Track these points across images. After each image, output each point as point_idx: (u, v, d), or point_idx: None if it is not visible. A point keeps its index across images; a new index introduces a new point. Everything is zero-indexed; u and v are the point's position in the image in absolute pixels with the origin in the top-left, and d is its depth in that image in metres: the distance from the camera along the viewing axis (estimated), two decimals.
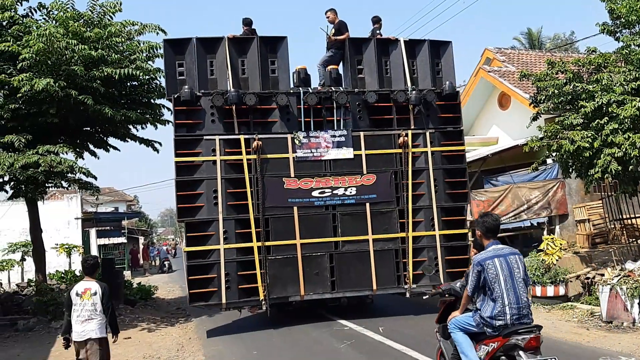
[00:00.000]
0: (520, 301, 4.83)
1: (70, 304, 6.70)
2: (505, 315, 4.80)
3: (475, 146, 19.97)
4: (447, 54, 12.33)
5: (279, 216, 11.17)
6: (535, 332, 4.79)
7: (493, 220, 5.17)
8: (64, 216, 29.25)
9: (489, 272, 4.88)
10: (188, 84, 11.10)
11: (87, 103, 11.88)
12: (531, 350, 4.70)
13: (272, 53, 11.62)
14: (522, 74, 13.68)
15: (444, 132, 11.98)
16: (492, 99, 20.48)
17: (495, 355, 4.88)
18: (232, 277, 10.84)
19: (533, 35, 39.30)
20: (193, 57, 11.24)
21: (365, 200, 11.39)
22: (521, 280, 4.90)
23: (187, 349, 9.91)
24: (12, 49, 11.68)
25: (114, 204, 53.23)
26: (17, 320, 12.68)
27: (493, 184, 17.76)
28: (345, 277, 11.17)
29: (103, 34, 12.42)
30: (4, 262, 25.06)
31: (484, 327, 4.94)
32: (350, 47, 11.91)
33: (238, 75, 11.43)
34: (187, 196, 10.98)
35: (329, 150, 11.45)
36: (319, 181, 11.31)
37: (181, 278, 26.24)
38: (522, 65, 20.08)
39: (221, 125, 11.20)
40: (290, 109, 11.43)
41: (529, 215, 16.31)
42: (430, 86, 11.87)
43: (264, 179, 11.12)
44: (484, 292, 4.97)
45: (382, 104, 11.68)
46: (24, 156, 11.40)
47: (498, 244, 5.06)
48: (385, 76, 12.03)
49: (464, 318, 5.22)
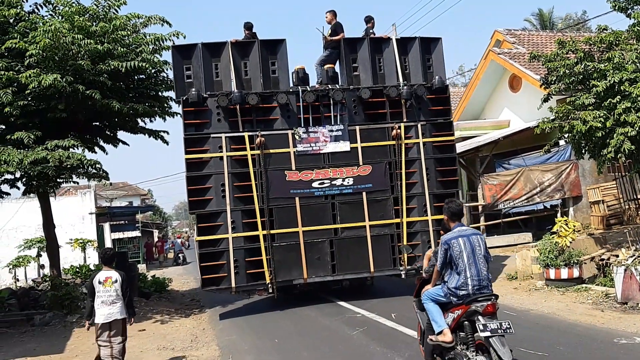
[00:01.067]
0: (480, 274, 5.53)
1: (94, 291, 7.50)
2: (468, 286, 5.50)
3: (486, 130, 19.82)
4: (437, 50, 13.03)
5: (282, 206, 11.99)
6: (492, 300, 5.46)
7: (456, 206, 5.96)
8: (78, 211, 29.48)
9: (454, 250, 5.59)
10: (195, 86, 11.95)
11: (94, 97, 11.90)
12: (488, 315, 5.39)
13: (272, 55, 12.45)
14: (532, 55, 13.47)
15: (435, 124, 12.71)
16: (502, 82, 20.28)
17: (459, 321, 5.59)
18: (241, 263, 11.73)
19: (544, 16, 38.77)
20: (199, 61, 12.08)
21: (361, 190, 12.19)
22: (482, 257, 5.60)
23: (200, 339, 9.96)
24: (19, 45, 11.69)
25: (128, 198, 53.61)
26: (33, 315, 12.80)
27: (505, 167, 17.61)
28: (344, 261, 12.02)
29: (109, 28, 12.40)
30: (20, 258, 25.37)
31: (451, 296, 5.65)
32: (345, 46, 12.68)
33: (241, 77, 12.26)
34: (197, 190, 11.85)
35: (327, 144, 12.25)
36: (318, 173, 12.12)
37: (195, 270, 26.38)
38: (532, 47, 19.83)
39: (227, 124, 12.01)
40: (290, 106, 12.21)
41: (542, 198, 16.18)
42: (422, 81, 12.59)
43: (268, 172, 11.97)
44: (450, 267, 5.67)
45: (375, 99, 12.42)
46: (33, 152, 11.45)
47: (462, 226, 5.80)
48: (379, 73, 12.76)
49: (434, 290, 5.94)
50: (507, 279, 12.80)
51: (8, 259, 26.18)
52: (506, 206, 16.59)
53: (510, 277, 12.74)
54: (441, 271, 5.81)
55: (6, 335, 11.77)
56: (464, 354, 5.52)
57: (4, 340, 11.30)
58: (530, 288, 11.59)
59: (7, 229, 27.74)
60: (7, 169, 11.41)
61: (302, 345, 8.76)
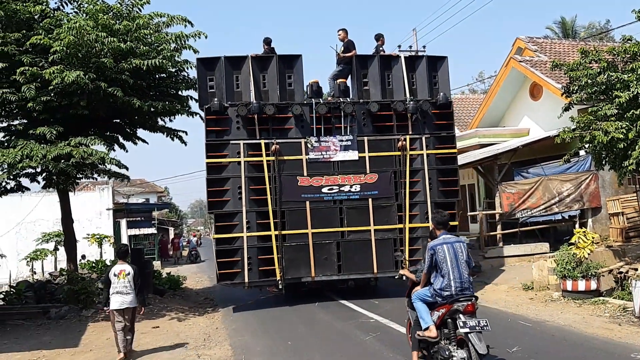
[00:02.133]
0: (462, 277, 6.20)
1: (109, 282, 8.70)
2: (451, 287, 6.18)
3: (505, 137, 19.67)
4: (443, 68, 13.89)
5: (294, 209, 12.92)
6: (472, 300, 6.13)
7: (442, 216, 6.73)
8: (95, 207, 29.77)
9: (439, 255, 6.29)
10: (217, 96, 12.93)
11: (116, 95, 12.01)
12: (468, 313, 6.05)
13: (289, 69, 13.39)
14: (554, 64, 13.37)
15: (438, 137, 13.54)
16: (523, 90, 20.10)
17: (444, 319, 6.26)
18: (254, 260, 12.65)
19: (567, 24, 38.38)
20: (221, 73, 13.04)
21: (368, 196, 13.07)
22: (464, 262, 6.26)
23: (213, 338, 9.99)
24: (44, 42, 11.83)
25: (145, 195, 53.96)
26: (49, 309, 12.93)
27: (523, 175, 17.45)
28: (350, 262, 12.89)
29: (132, 27, 12.52)
30: (38, 252, 25.67)
31: (436, 297, 6.34)
32: (357, 62, 13.58)
33: (259, 88, 13.20)
34: (216, 191, 12.84)
35: (337, 152, 13.18)
36: (328, 179, 13.04)
37: (209, 269, 26.54)
38: (554, 55, 19.63)
39: (245, 132, 12.99)
40: (304, 117, 13.14)
41: (560, 208, 16.00)
42: (428, 96, 13.45)
43: (281, 177, 12.90)
44: (436, 270, 6.36)
45: (383, 112, 13.31)
46: (56, 147, 11.57)
47: (447, 234, 6.47)
48: (387, 88, 13.63)
49: (422, 291, 6.64)
50: (523, 289, 12.67)
51: (26, 251, 26.53)
52: (524, 215, 16.43)
53: (527, 287, 12.62)
54: (428, 274, 6.51)
55: (22, 327, 11.91)
56: (447, 347, 6.17)
57: (20, 332, 11.45)
58: (547, 299, 11.47)
59: (26, 222, 28.11)
60: (29, 163, 11.52)
61: (315, 349, 8.75)
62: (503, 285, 13.44)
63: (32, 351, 9.56)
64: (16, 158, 11.37)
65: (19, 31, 12.26)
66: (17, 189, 14.22)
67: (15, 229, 28.18)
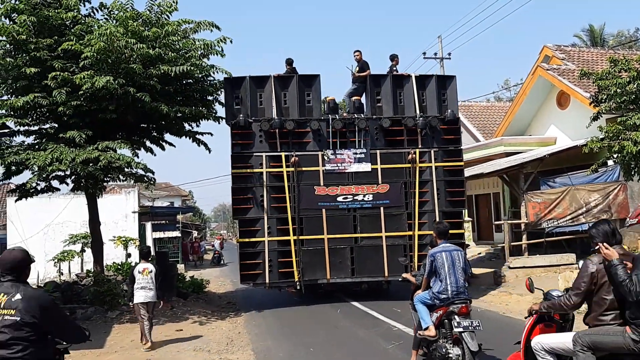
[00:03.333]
0: (458, 282, 6.77)
1: (134, 279, 9.94)
2: (448, 291, 6.74)
3: (531, 146, 19.48)
4: (451, 87, 14.71)
5: (311, 216, 13.91)
6: (466, 303, 6.72)
7: (443, 227, 7.39)
8: (121, 209, 30.18)
9: (438, 261, 6.85)
10: (242, 112, 14.00)
11: (144, 100, 12.20)
12: (462, 315, 6.64)
13: (308, 87, 14.39)
14: (583, 73, 13.23)
15: (446, 151, 14.39)
16: (550, 98, 19.91)
17: (441, 320, 6.81)
18: (274, 262, 13.62)
19: (595, 32, 37.84)
20: (247, 91, 14.10)
21: (380, 205, 14.00)
22: (460, 268, 6.85)
23: (236, 343, 10.05)
24: (75, 47, 12.08)
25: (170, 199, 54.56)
26: (75, 309, 13.11)
27: (550, 185, 17.23)
28: (362, 266, 13.83)
29: (160, 33, 12.71)
30: (65, 253, 26.10)
31: (435, 299, 6.89)
32: (371, 81, 14.58)
33: (281, 105, 14.20)
34: (240, 199, 14.01)
35: (351, 164, 14.12)
36: (343, 189, 14.01)
37: (232, 273, 26.68)
38: (582, 64, 19.40)
39: (267, 145, 14.03)
40: (321, 131, 14.14)
41: (587, 219, 15.72)
42: (437, 113, 14.29)
43: (300, 187, 13.91)
44: (435, 275, 6.90)
45: (395, 127, 14.24)
46: (84, 151, 11.79)
47: (446, 243, 7.04)
48: (399, 105, 14.51)
49: (423, 294, 7.17)
50: None
51: (53, 252, 27.00)
52: (550, 225, 16.21)
53: None
54: (428, 279, 7.05)
55: None
56: (444, 345, 6.74)
57: None
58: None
59: (54, 223, 28.63)
60: (59, 167, 11.74)
61: (337, 357, 8.74)
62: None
63: None
64: (46, 161, 11.62)
65: (51, 37, 12.52)
66: (47, 190, 14.51)
67: (43, 230, 28.73)
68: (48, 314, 3.95)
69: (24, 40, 12.18)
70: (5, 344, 3.74)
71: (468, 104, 28.44)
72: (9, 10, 12.45)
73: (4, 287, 3.94)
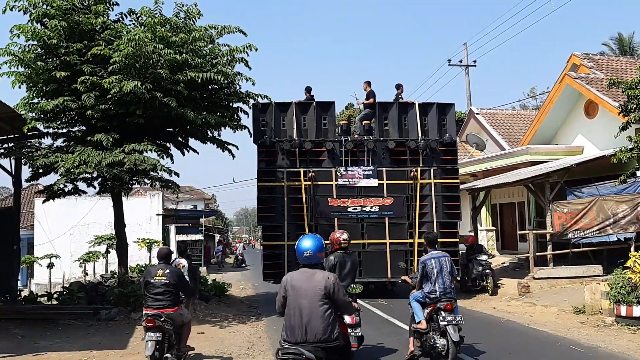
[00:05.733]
0: (445, 284, 8.06)
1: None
2: (436, 292, 8.06)
3: (558, 155, 19.20)
4: (450, 113, 16.81)
5: (325, 224, 15.68)
6: (451, 301, 7.95)
7: (432, 236, 8.69)
8: (146, 212, 30.54)
9: (428, 267, 8.14)
10: (267, 133, 16.10)
11: (171, 105, 12.35)
12: (448, 311, 7.88)
13: (324, 112, 16.58)
14: (612, 82, 13.05)
15: (444, 169, 16.36)
16: (577, 107, 19.62)
17: (431, 314, 8.07)
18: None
19: (624, 40, 37.21)
20: (272, 116, 16.18)
21: (385, 215, 15.94)
22: (447, 272, 8.11)
23: (257, 347, 10.06)
24: (104, 52, 12.30)
25: (193, 202, 55.03)
26: (99, 310, 13.29)
27: (577, 195, 16.94)
28: (368, 268, 15.56)
29: (187, 39, 12.87)
30: (90, 254, 26.46)
31: (426, 298, 8.19)
32: (379, 108, 16.85)
33: (300, 127, 16.36)
34: (264, 208, 16.06)
35: (360, 180, 16.12)
36: (352, 201, 15.99)
37: (254, 277, 26.80)
38: (611, 72, 19.10)
39: (288, 161, 16.10)
40: (334, 151, 16.21)
41: (614, 230, 15.43)
42: (437, 136, 16.30)
43: (315, 198, 15.93)
44: (426, 278, 8.19)
45: (399, 148, 16.30)
46: (111, 154, 11.97)
47: (435, 251, 8.34)
48: (404, 128, 16.60)
49: (416, 294, 8.43)
50: (573, 312, 12.28)
51: (79, 253, 27.40)
52: (576, 236, 15.94)
53: (578, 311, 12.21)
54: (420, 281, 8.29)
55: (73, 327, 12.30)
56: (432, 336, 8.01)
57: (71, 331, 11.82)
58: (599, 324, 11.08)
59: (80, 224, 29.08)
60: (85, 169, 11.95)
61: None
62: (553, 308, 13.06)
63: (83, 351, 9.83)
64: (74, 163, 11.83)
65: (81, 42, 12.77)
66: (74, 192, 14.75)
67: (69, 231, 29.20)
68: (180, 280, 8.19)
69: (55, 44, 12.45)
70: (162, 292, 7.94)
71: (493, 111, 28.15)
72: (41, 15, 12.74)
73: (161, 266, 8.24)
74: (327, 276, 5.06)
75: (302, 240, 5.26)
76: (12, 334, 11.44)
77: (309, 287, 4.98)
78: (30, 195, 32.61)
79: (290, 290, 5.06)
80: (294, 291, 5.03)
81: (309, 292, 4.96)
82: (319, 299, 4.93)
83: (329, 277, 5.05)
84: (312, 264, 5.17)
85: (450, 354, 7.68)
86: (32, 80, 12.96)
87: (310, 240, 5.24)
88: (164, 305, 7.89)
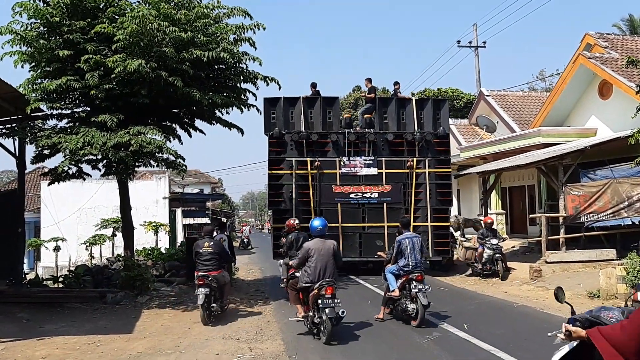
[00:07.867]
0: (416, 259, 9.78)
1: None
2: (409, 265, 9.72)
3: (570, 137, 18.83)
4: (444, 108, 18.60)
5: (329, 209, 17.27)
6: (421, 273, 9.74)
7: (406, 220, 10.86)
8: (152, 195, 30.43)
9: (402, 245, 9.87)
10: (277, 125, 17.56)
11: (176, 85, 12.02)
12: (419, 281, 9.59)
13: (329, 106, 18.24)
14: (629, 60, 12.66)
15: (438, 160, 17.94)
16: (591, 88, 19.17)
17: (404, 284, 9.75)
18: None
19: (635, 21, 36.31)
20: (281, 109, 17.69)
21: (383, 201, 17.54)
22: (418, 250, 9.87)
23: (265, 332, 9.87)
24: (108, 30, 11.96)
25: (200, 186, 54.95)
26: (105, 293, 13.15)
27: (590, 177, 16.62)
28: (368, 248, 17.13)
29: (192, 16, 12.52)
30: (97, 237, 26.38)
31: (400, 271, 9.85)
32: (379, 103, 18.55)
33: (307, 120, 17.85)
34: (274, 194, 17.80)
35: (361, 169, 17.69)
36: (354, 188, 17.58)
37: (260, 260, 26.69)
38: (626, 52, 18.62)
39: (296, 152, 17.56)
40: (338, 142, 17.73)
41: (629, 213, 15.12)
42: (432, 129, 17.89)
43: (321, 186, 17.51)
44: (400, 255, 9.87)
45: (397, 140, 17.84)
46: (116, 135, 11.70)
47: (408, 232, 10.24)
48: (401, 122, 18.20)
49: (392, 267, 10.08)
50: (588, 296, 12.02)
51: (85, 236, 27.35)
52: (590, 219, 15.64)
53: (592, 295, 11.96)
54: (395, 257, 9.98)
55: (79, 310, 12.17)
56: (404, 302, 9.72)
57: (77, 315, 11.68)
58: None
59: (86, 207, 28.98)
60: (90, 150, 11.68)
61: (369, 349, 8.48)
62: (567, 292, 12.71)
63: (88, 335, 9.66)
64: (78, 145, 11.57)
65: (84, 19, 12.43)
66: (78, 175, 14.50)
67: (75, 214, 29.12)
68: (221, 250, 11.02)
69: (57, 22, 12.14)
70: (209, 259, 10.63)
71: (503, 93, 27.70)
72: None
73: (207, 239, 11.00)
74: (333, 243, 9.16)
75: (314, 221, 9.43)
76: (17, 317, 11.31)
77: (324, 248, 8.87)
78: (36, 178, 32.52)
79: (314, 251, 8.82)
80: (317, 252, 8.81)
81: (325, 251, 8.84)
82: (330, 255, 8.90)
83: (334, 243, 9.15)
84: (322, 235, 9.17)
85: (419, 315, 9.36)
86: (34, 59, 12.65)
87: (319, 221, 9.42)
88: (210, 268, 10.60)
